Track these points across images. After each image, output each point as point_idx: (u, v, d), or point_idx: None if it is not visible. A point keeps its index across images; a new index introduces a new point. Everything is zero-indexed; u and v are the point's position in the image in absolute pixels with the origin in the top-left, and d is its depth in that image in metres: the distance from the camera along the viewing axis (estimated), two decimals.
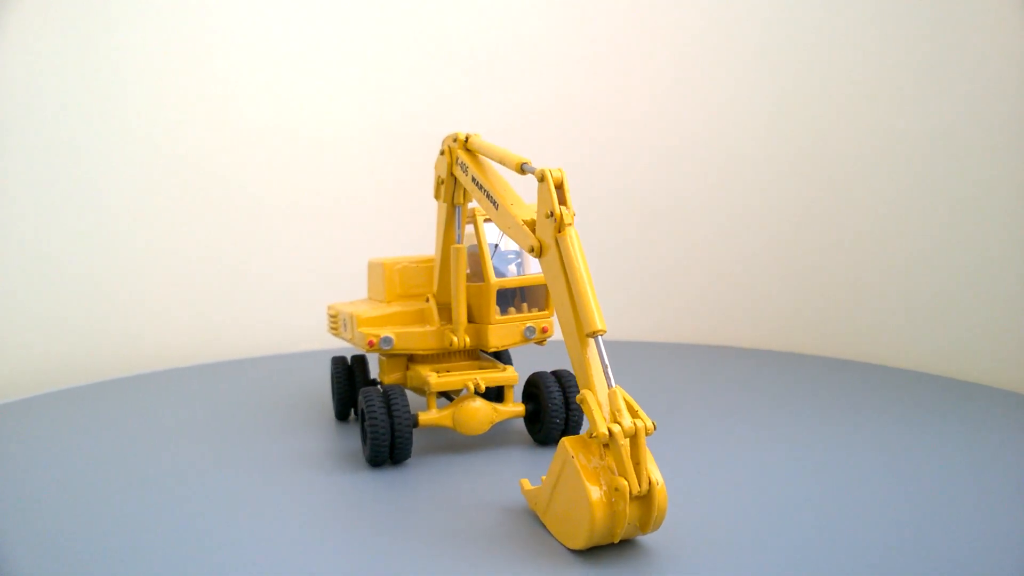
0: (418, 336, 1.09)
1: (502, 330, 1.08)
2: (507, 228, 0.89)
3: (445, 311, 1.12)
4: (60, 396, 1.43)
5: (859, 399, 1.29)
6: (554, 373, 1.10)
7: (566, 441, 0.75)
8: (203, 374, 1.60)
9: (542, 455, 1.06)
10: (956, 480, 0.93)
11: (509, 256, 1.11)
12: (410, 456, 1.01)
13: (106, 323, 1.71)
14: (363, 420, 1.03)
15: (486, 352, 1.18)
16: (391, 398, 0.99)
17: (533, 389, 1.10)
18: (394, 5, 1.89)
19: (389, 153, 1.90)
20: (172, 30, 1.71)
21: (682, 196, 1.85)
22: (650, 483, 0.70)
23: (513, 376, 1.07)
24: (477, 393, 1.05)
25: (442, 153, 1.05)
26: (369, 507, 0.89)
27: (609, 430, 0.70)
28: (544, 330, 1.11)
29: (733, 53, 1.76)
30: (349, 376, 1.22)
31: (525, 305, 1.11)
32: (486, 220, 1.09)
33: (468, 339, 1.08)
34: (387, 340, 1.07)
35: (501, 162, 0.91)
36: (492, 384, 1.05)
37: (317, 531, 0.83)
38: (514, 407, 1.07)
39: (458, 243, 1.06)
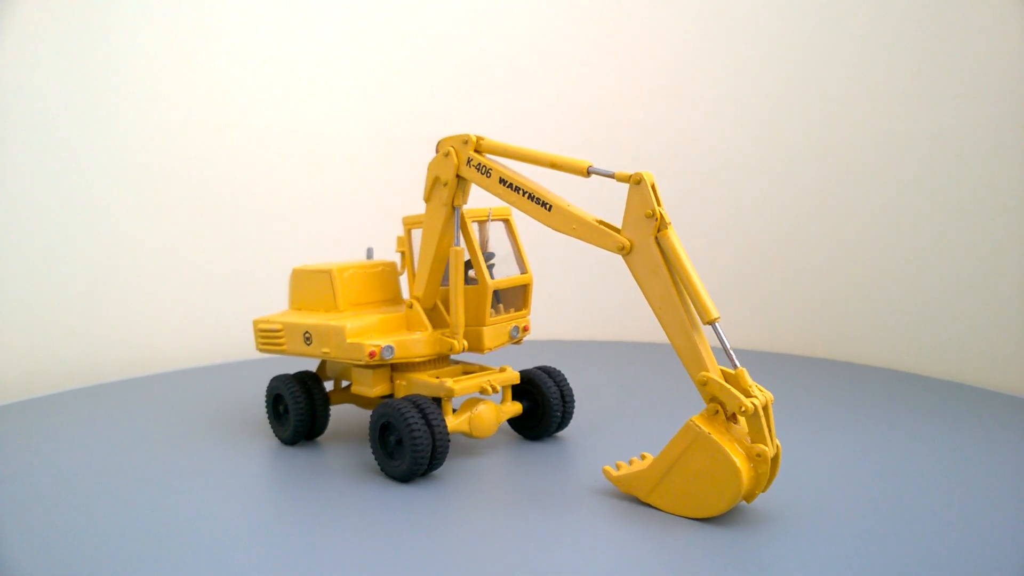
0: (416, 343, 1.05)
1: (494, 331, 1.10)
2: (570, 229, 0.92)
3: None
4: (59, 400, 1.43)
5: (855, 401, 1.31)
6: (542, 370, 1.15)
7: (696, 419, 0.82)
8: (166, 383, 1.55)
9: (543, 449, 1.10)
10: (958, 481, 0.94)
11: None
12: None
13: (103, 327, 1.69)
14: (382, 434, 0.97)
15: (454, 355, 1.18)
16: (425, 410, 0.95)
17: (526, 387, 1.12)
18: (382, 17, 1.91)
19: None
20: (172, 39, 1.72)
21: (679, 199, 1.81)
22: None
23: (515, 376, 1.09)
24: (483, 396, 1.05)
25: (445, 155, 1.03)
26: (450, 517, 0.86)
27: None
28: (525, 329, 1.14)
29: (730, 56, 1.79)
30: (308, 395, 1.11)
31: (501, 306, 1.13)
32: (473, 221, 1.09)
33: (467, 343, 1.08)
34: (390, 349, 1.02)
35: (552, 166, 0.94)
36: (500, 384, 1.06)
37: (406, 547, 0.78)
38: (513, 406, 1.09)
39: (456, 245, 1.05)
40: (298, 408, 1.10)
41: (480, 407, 1.04)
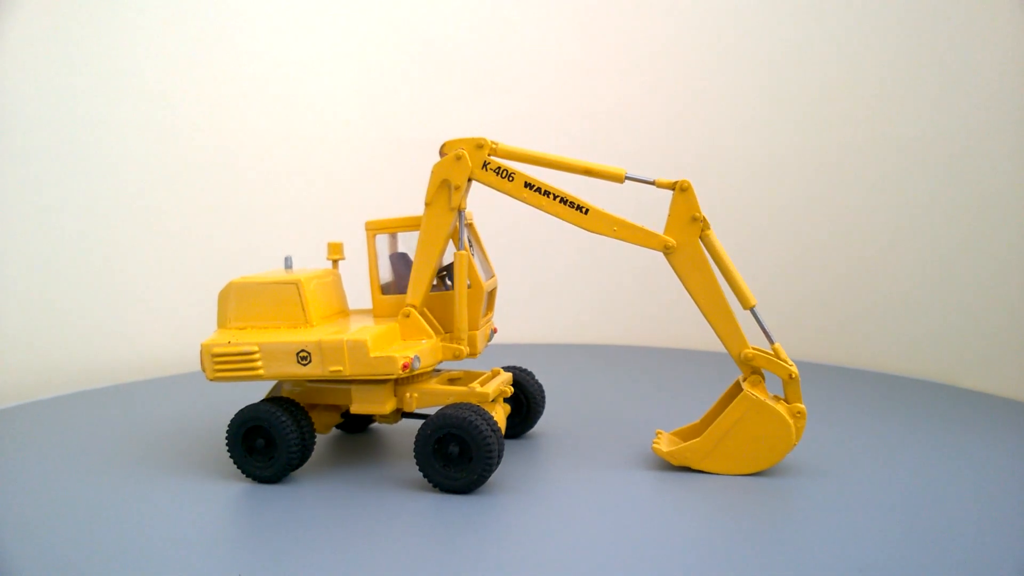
0: (430, 352, 1.01)
1: (483, 334, 1.10)
2: (611, 230, 0.99)
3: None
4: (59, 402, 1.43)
5: (851, 403, 1.34)
6: (520, 369, 1.18)
7: (748, 389, 0.97)
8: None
9: (538, 445, 1.14)
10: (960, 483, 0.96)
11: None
12: None
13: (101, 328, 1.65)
14: (433, 446, 0.94)
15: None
16: (488, 419, 0.94)
17: (513, 387, 1.15)
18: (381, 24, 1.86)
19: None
20: (174, 42, 1.69)
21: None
22: None
23: (510, 377, 1.11)
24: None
25: (458, 158, 1.01)
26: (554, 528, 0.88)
27: None
28: (494, 330, 1.17)
29: (729, 57, 1.76)
30: (297, 424, 0.98)
31: None
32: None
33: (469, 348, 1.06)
34: (418, 360, 0.98)
35: (587, 173, 0.99)
36: (508, 386, 1.08)
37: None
38: (505, 406, 1.11)
39: (460, 249, 1.04)
40: (289, 440, 0.97)
41: (495, 410, 1.04)
